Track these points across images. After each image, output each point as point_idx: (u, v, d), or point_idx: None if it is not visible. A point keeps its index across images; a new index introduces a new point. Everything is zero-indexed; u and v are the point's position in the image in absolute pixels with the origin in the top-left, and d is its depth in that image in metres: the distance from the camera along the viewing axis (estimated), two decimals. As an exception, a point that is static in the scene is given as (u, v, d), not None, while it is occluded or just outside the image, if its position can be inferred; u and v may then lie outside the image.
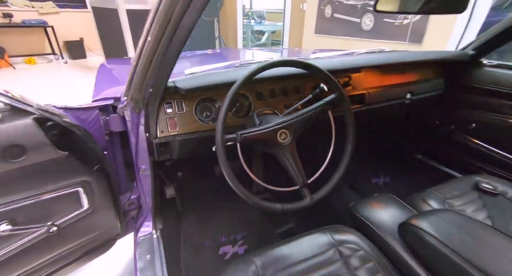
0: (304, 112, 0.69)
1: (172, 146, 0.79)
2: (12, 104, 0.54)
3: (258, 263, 0.66)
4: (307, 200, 0.68)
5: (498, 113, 1.06)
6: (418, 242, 0.68)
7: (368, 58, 1.02)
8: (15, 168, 0.57)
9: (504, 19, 1.01)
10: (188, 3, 0.41)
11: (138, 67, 0.57)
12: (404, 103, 1.08)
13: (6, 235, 0.60)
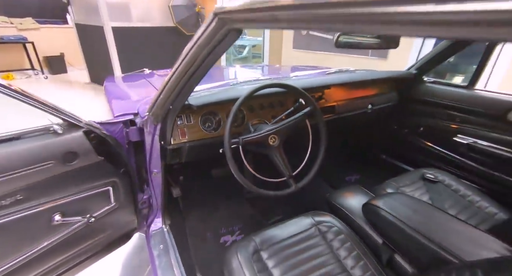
0: (288, 121, 0.92)
1: (182, 151, 0.98)
2: (69, 120, 0.72)
3: (257, 240, 0.86)
4: (293, 187, 0.90)
5: (438, 119, 1.35)
6: (376, 217, 0.91)
7: (337, 77, 1.28)
8: (69, 170, 0.74)
9: (438, 45, 1.31)
10: (209, 52, 0.62)
11: (164, 91, 0.77)
12: (366, 112, 1.34)
13: (58, 224, 0.76)
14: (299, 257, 0.83)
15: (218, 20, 0.54)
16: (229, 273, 0.79)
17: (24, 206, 0.69)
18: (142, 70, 2.05)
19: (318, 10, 0.30)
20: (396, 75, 1.36)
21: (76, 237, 0.83)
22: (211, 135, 1.01)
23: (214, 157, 1.09)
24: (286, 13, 0.36)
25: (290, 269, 0.79)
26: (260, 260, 0.81)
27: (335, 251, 0.87)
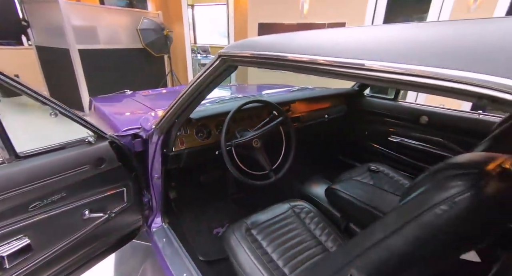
0: (266, 128, 1.22)
1: (181, 157, 1.22)
2: (98, 132, 0.93)
3: (248, 222, 1.12)
4: (273, 178, 1.18)
5: (377, 124, 1.77)
6: (335, 197, 1.23)
7: (300, 93, 1.63)
8: (98, 173, 0.93)
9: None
10: (211, 82, 0.89)
11: (172, 109, 1.02)
12: (324, 121, 1.70)
13: (87, 218, 0.94)
14: (280, 231, 1.10)
15: (221, 59, 0.82)
16: (229, 248, 1.03)
17: (66, 202, 0.86)
18: (124, 91, 2.23)
19: (289, 63, 0.60)
20: (344, 91, 1.76)
21: (97, 233, 1.01)
22: (204, 143, 1.27)
23: (206, 162, 1.33)
24: (270, 62, 0.65)
25: (274, 239, 1.05)
26: (251, 236, 1.07)
27: (307, 225, 1.15)
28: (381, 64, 0.41)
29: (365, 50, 0.45)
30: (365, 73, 0.43)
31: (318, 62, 0.51)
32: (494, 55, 0.31)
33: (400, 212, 0.54)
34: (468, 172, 0.48)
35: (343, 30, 0.59)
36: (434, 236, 0.48)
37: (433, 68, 0.35)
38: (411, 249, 0.50)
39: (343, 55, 0.47)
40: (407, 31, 0.45)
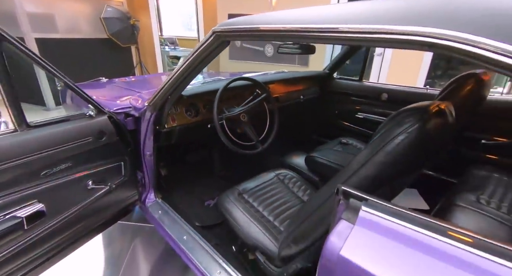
0: (252, 103, 1.35)
1: (173, 133, 1.30)
2: (98, 107, 0.99)
3: (239, 188, 1.24)
4: (260, 148, 1.32)
5: (346, 103, 1.99)
6: (314, 163, 1.41)
7: (277, 75, 1.78)
8: (99, 146, 0.99)
9: (338, 54, 1.95)
10: (204, 58, 0.99)
11: (166, 86, 1.10)
12: (300, 102, 1.87)
13: (90, 189, 0.99)
14: (268, 194, 1.24)
15: (215, 36, 0.93)
16: (225, 209, 1.15)
17: (72, 171, 0.92)
18: (99, 78, 2.21)
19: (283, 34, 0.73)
20: (316, 74, 1.95)
21: (99, 204, 1.07)
22: (193, 120, 1.36)
23: (195, 139, 1.43)
24: (262, 34, 0.78)
25: (263, 201, 1.19)
26: (244, 199, 1.20)
27: (291, 189, 1.31)
28: (350, 26, 0.56)
29: (339, 16, 0.60)
30: (337, 35, 0.58)
31: (304, 29, 0.65)
32: (431, 14, 0.47)
33: (370, 148, 0.70)
34: (417, 111, 0.66)
35: (319, 7, 0.73)
36: (396, 160, 0.65)
37: (387, 26, 0.50)
38: (380, 172, 0.67)
39: (322, 22, 0.61)
40: (366, 4, 0.60)
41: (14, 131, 0.80)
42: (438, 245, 0.41)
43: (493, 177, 1.17)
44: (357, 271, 0.45)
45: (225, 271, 0.99)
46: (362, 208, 0.50)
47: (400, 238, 0.45)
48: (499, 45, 0.39)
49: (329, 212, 0.72)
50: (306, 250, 0.82)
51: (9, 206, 0.78)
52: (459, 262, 0.39)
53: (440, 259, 0.41)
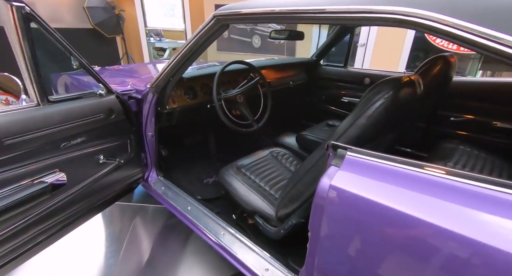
0: (247, 86, 1.46)
1: (174, 115, 1.39)
2: (107, 86, 1.07)
3: (237, 164, 1.36)
4: (255, 126, 1.44)
5: (332, 89, 2.13)
6: (304, 140, 1.54)
7: (268, 61, 1.89)
8: (108, 123, 1.08)
9: (324, 42, 2.08)
10: (204, 42, 1.09)
11: (168, 68, 1.19)
12: (290, 87, 2.00)
13: (102, 162, 1.08)
14: (263, 168, 1.37)
15: (216, 19, 1.03)
16: (225, 181, 1.26)
17: (86, 145, 1.00)
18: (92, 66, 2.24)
19: (279, 15, 0.84)
20: (304, 61, 2.08)
21: (109, 179, 1.16)
22: (191, 102, 1.46)
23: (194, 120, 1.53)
24: (260, 16, 0.89)
25: (260, 174, 1.32)
26: (242, 172, 1.32)
27: (284, 164, 1.44)
28: (335, 7, 0.68)
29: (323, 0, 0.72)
30: (325, 15, 0.70)
31: (297, 11, 0.77)
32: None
33: (353, 113, 0.84)
34: (392, 82, 0.80)
35: None
36: (375, 122, 0.79)
37: (362, 6, 0.63)
38: (363, 133, 0.80)
39: (312, 4, 0.73)
40: None
41: (37, 105, 0.87)
42: (399, 171, 0.55)
43: (459, 149, 1.35)
44: (342, 193, 0.58)
45: (228, 232, 1.11)
46: (347, 154, 0.63)
47: (376, 171, 0.58)
48: (454, 21, 0.52)
49: (320, 172, 0.86)
50: (300, 207, 0.96)
51: (36, 172, 0.86)
52: (417, 181, 0.54)
53: (399, 180, 0.54)
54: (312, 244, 0.70)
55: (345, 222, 0.61)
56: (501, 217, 0.44)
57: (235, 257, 1.02)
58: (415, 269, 0.53)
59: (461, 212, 0.47)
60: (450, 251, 0.48)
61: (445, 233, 0.47)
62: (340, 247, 0.65)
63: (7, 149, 0.78)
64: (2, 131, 0.77)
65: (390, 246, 0.56)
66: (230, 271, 1.36)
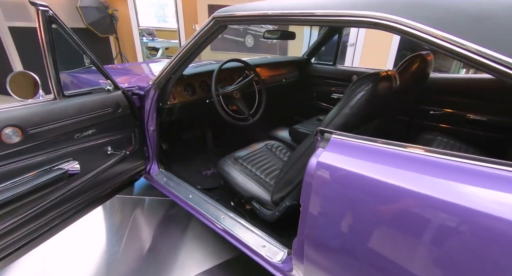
0: (243, 82, 1.57)
1: (174, 110, 1.49)
2: (114, 83, 1.16)
3: (235, 155, 1.47)
4: (251, 120, 1.55)
5: (322, 86, 2.26)
6: (296, 133, 1.66)
7: (262, 59, 2.00)
8: (115, 117, 1.17)
9: (314, 41, 2.21)
10: (203, 42, 1.19)
11: (169, 66, 1.29)
12: (282, 84, 2.12)
13: (109, 153, 1.17)
14: (259, 159, 1.48)
15: (214, 21, 1.13)
16: (224, 171, 1.37)
17: (96, 137, 1.09)
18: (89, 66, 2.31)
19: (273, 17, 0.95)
20: (296, 59, 2.20)
21: (116, 169, 1.25)
22: (190, 98, 1.56)
23: (193, 114, 1.63)
24: (256, 18, 1.00)
25: (256, 164, 1.43)
26: (239, 162, 1.43)
27: (278, 155, 1.56)
28: (323, 11, 0.79)
29: (315, 4, 0.83)
30: (313, 18, 0.82)
31: (290, 14, 0.88)
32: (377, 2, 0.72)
33: (339, 104, 0.95)
34: (372, 76, 0.92)
35: None
36: (358, 111, 0.91)
37: (345, 10, 0.74)
38: (347, 121, 0.92)
39: (303, 8, 0.85)
40: None
41: (54, 99, 0.96)
42: (378, 149, 0.67)
43: (437, 139, 1.49)
44: (328, 168, 0.70)
45: (228, 216, 1.21)
46: (332, 137, 0.74)
47: (356, 149, 0.70)
48: (418, 25, 0.64)
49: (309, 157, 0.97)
50: (293, 191, 1.07)
51: (54, 160, 0.95)
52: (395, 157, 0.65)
53: (378, 156, 0.66)
54: (303, 216, 0.81)
55: (330, 193, 0.73)
56: (466, 184, 0.55)
57: (235, 237, 1.13)
58: (389, 230, 0.65)
59: (433, 180, 0.58)
60: (419, 212, 0.59)
61: (415, 195, 0.59)
62: (326, 216, 0.76)
63: (30, 138, 0.87)
64: (27, 122, 0.86)
65: (369, 212, 0.67)
66: (229, 255, 1.47)
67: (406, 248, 0.62)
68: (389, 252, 0.65)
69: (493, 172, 0.52)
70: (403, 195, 0.60)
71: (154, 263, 1.42)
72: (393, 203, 0.62)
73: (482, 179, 0.53)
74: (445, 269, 0.57)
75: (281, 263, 0.98)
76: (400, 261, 0.64)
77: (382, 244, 0.66)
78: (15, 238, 0.92)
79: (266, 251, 1.05)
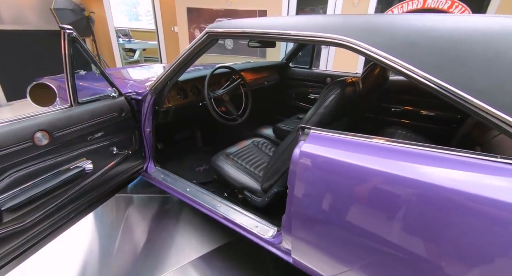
0: (231, 86, 1.76)
1: (169, 112, 1.66)
2: (118, 90, 1.31)
3: (226, 151, 1.66)
4: (239, 120, 1.75)
5: (300, 87, 2.51)
6: (280, 131, 1.88)
7: (246, 65, 2.21)
8: (120, 120, 1.32)
9: (293, 46, 2.45)
10: (196, 53, 1.37)
11: (165, 74, 1.45)
12: (265, 87, 2.33)
13: (115, 153, 1.32)
14: (248, 154, 1.68)
15: (208, 35, 1.32)
16: (217, 165, 1.56)
17: (104, 139, 1.24)
18: (78, 71, 2.39)
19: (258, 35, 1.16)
20: (276, 63, 2.43)
21: (119, 168, 1.40)
22: (183, 102, 1.73)
23: (186, 116, 1.80)
24: (244, 34, 1.20)
25: (245, 159, 1.63)
26: (230, 158, 1.62)
27: (264, 151, 1.77)
28: (296, 32, 1.01)
29: (291, 25, 1.05)
30: (290, 37, 1.04)
31: (272, 33, 1.09)
32: (340, 27, 0.94)
33: (315, 105, 1.18)
34: (340, 82, 1.15)
35: (281, 18, 1.17)
36: (330, 111, 1.14)
37: (315, 32, 0.97)
38: (322, 119, 1.14)
39: (282, 28, 1.06)
40: (306, 18, 1.06)
41: (70, 106, 1.10)
42: (348, 140, 0.90)
43: (397, 132, 1.77)
44: (308, 156, 0.92)
45: (224, 204, 1.41)
46: (311, 132, 0.97)
47: (330, 140, 0.92)
48: (368, 46, 0.87)
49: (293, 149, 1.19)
50: (279, 179, 1.29)
51: (72, 159, 1.09)
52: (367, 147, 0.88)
53: (348, 145, 0.89)
54: (290, 196, 1.03)
55: (311, 176, 0.95)
56: (416, 164, 0.78)
57: (232, 221, 1.32)
58: (359, 203, 0.87)
59: (390, 161, 0.81)
60: (382, 186, 0.82)
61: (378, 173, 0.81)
62: (309, 195, 0.98)
63: (55, 140, 1.01)
64: (52, 126, 0.99)
65: (343, 189, 0.89)
66: (223, 241, 1.66)
67: (372, 217, 0.85)
68: (360, 222, 0.87)
69: (437, 155, 0.74)
70: (369, 174, 0.82)
71: (151, 254, 1.57)
72: (362, 181, 0.85)
73: (428, 160, 0.75)
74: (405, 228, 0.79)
75: (272, 238, 1.19)
76: (369, 228, 0.86)
77: (353, 215, 0.89)
78: (41, 229, 1.05)
79: (259, 230, 1.25)
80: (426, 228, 0.73)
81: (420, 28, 0.82)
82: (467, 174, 0.68)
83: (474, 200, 0.65)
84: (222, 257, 1.57)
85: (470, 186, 0.66)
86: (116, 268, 1.47)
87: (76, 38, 1.06)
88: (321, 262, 1.02)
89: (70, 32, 1.02)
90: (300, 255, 1.08)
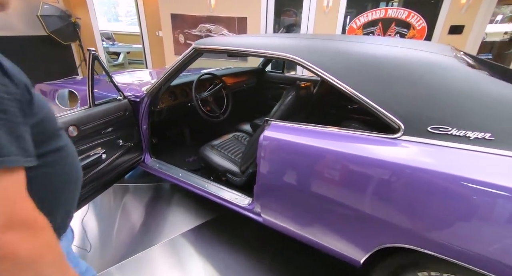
0: (214, 90, 2.16)
1: (162, 112, 2.03)
2: (123, 94, 1.68)
3: (211, 143, 2.06)
4: (222, 117, 2.15)
5: (275, 90, 2.93)
6: (256, 126, 2.29)
7: (227, 70, 2.61)
8: (125, 118, 1.68)
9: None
10: (183, 65, 1.75)
11: (160, 80, 1.82)
12: (244, 89, 2.74)
13: (121, 145, 1.68)
14: (229, 145, 2.08)
15: (194, 50, 1.70)
16: (204, 155, 1.94)
17: (113, 133, 1.60)
18: (73, 76, 2.71)
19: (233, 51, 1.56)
20: (253, 69, 2.85)
21: (124, 157, 1.76)
22: (173, 102, 2.11)
23: (176, 114, 2.18)
24: (226, 51, 1.60)
25: (227, 149, 2.02)
26: (215, 148, 2.01)
27: (243, 142, 2.17)
28: (261, 50, 1.42)
29: (257, 45, 1.46)
30: (257, 54, 1.44)
31: (248, 51, 1.49)
32: (291, 47, 1.36)
33: (278, 103, 1.59)
34: (296, 86, 1.57)
35: (252, 38, 1.58)
36: (288, 108, 1.55)
37: (270, 51, 1.38)
38: (283, 114, 1.56)
39: (250, 47, 1.47)
40: (269, 40, 1.47)
41: (89, 107, 1.46)
42: (301, 128, 1.31)
43: (352, 125, 2.22)
44: (268, 139, 1.33)
45: (211, 184, 1.80)
46: (272, 122, 1.38)
47: (287, 128, 1.33)
48: (310, 64, 1.29)
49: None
50: (253, 161, 1.69)
51: (92, 148, 1.45)
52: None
53: (301, 132, 1.30)
54: (259, 170, 1.43)
55: (271, 155, 1.35)
56: (354, 143, 1.20)
57: (217, 196, 1.72)
58: (310, 175, 1.28)
59: (333, 142, 1.23)
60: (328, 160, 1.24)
61: (324, 150, 1.23)
62: (272, 169, 1.38)
63: (82, 132, 1.37)
64: (80, 122, 1.35)
65: (297, 164, 1.30)
66: (209, 216, 2.05)
67: (316, 182, 1.26)
68: (308, 186, 1.28)
69: (369, 138, 1.17)
70: (310, 150, 1.24)
71: (147, 228, 1.94)
72: (306, 155, 1.26)
73: (363, 141, 1.18)
74: (338, 188, 1.21)
75: (248, 205, 1.60)
76: (315, 190, 1.28)
77: (303, 181, 1.30)
78: None
79: (237, 201, 1.65)
80: (351, 185, 1.15)
81: (352, 53, 1.24)
82: (362, 145, 1.11)
83: (366, 161, 1.08)
84: (208, 230, 1.95)
85: (365, 152, 1.09)
86: (116, 242, 1.82)
87: (98, 57, 1.42)
88: (282, 216, 1.44)
89: (94, 53, 1.39)
90: (267, 213, 1.49)
